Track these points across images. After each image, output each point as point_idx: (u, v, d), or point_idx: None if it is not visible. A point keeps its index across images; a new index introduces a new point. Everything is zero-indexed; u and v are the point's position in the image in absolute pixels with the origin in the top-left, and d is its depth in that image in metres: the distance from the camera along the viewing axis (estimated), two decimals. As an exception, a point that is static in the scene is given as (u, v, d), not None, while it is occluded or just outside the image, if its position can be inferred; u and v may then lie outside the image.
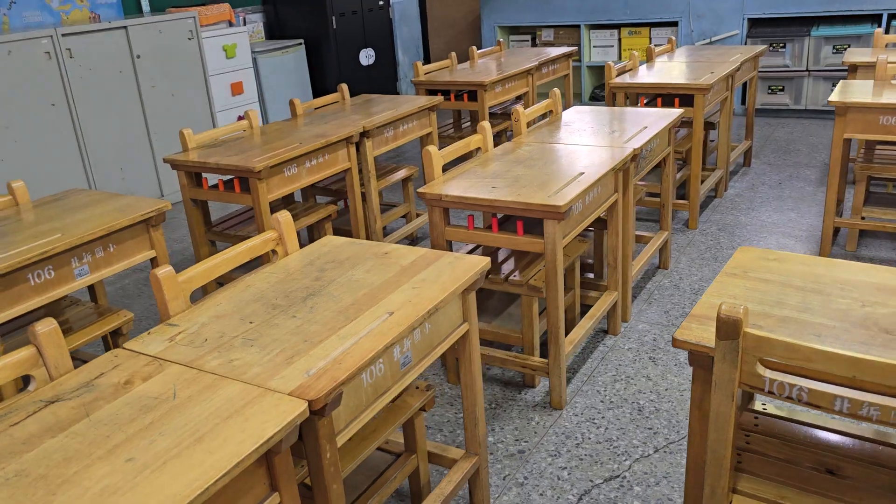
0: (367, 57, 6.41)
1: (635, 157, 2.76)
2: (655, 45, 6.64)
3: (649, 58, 4.59)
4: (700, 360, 1.32)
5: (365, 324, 1.50)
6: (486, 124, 2.81)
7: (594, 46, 7.04)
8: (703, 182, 4.22)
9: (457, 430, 2.48)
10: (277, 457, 1.24)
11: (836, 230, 3.71)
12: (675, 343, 1.33)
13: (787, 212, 4.15)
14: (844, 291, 1.48)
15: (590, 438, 2.36)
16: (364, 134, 3.41)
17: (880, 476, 1.40)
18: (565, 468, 2.24)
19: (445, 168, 2.56)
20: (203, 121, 5.25)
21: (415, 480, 2.02)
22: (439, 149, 2.54)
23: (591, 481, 2.17)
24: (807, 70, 6.01)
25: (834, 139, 3.26)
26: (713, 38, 6.39)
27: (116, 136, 4.78)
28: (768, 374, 1.22)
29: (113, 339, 2.47)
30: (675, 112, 3.23)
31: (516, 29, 7.48)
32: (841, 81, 3.56)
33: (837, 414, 1.17)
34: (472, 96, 4.47)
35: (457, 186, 2.42)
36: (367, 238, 3.59)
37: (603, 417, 2.47)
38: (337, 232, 3.65)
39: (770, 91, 6.20)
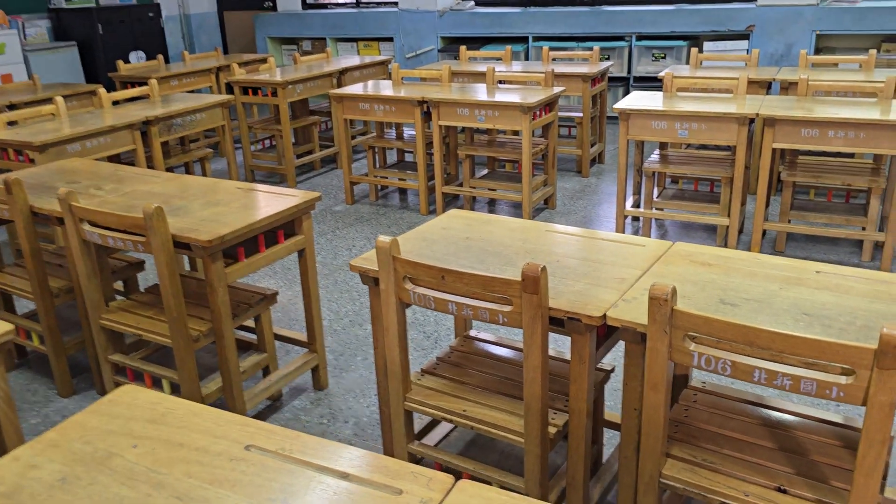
0: (137, 58, 7.86)
1: (149, 122, 4.27)
2: (385, 56, 8.24)
3: (296, 61, 6.15)
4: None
5: None
6: (59, 98, 4.30)
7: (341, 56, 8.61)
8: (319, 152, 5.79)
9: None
10: None
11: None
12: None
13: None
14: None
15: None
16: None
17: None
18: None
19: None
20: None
21: None
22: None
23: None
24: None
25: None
26: (418, 52, 8.02)
27: None
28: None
29: None
30: (220, 98, 4.77)
31: (284, 40, 9.00)
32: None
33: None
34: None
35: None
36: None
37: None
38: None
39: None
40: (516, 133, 5.35)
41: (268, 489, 1.15)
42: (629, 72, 7.08)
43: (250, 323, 2.87)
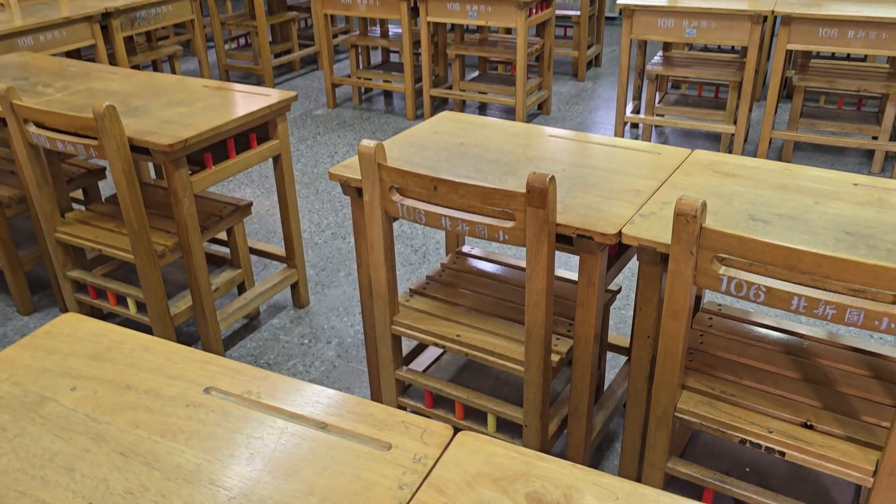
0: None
1: (109, 14, 3.91)
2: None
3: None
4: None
5: None
6: (8, -13, 3.90)
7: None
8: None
9: None
10: None
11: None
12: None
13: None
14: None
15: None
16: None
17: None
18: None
19: None
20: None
21: None
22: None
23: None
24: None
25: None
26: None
27: None
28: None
29: None
30: (189, -12, 4.38)
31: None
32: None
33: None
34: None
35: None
36: None
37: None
38: None
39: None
40: (509, 31, 5.01)
41: (230, 442, 0.96)
42: (628, -32, 6.65)
43: (223, 236, 2.65)
